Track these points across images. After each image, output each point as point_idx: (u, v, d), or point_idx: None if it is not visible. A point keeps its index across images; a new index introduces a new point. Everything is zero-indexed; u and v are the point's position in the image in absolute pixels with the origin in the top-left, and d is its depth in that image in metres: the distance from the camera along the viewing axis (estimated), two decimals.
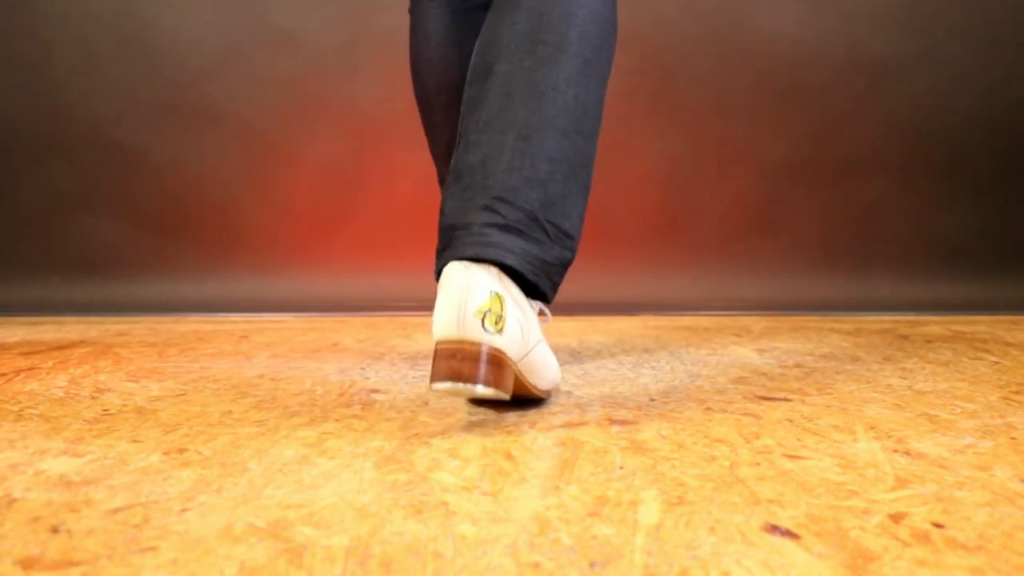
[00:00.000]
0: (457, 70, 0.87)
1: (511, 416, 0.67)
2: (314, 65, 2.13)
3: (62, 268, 2.12)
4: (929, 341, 1.22)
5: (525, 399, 0.71)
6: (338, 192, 2.16)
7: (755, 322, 1.57)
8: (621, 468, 0.51)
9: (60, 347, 1.20)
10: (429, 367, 0.96)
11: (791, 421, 0.64)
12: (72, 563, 0.36)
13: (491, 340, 0.60)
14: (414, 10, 0.97)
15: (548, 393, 0.74)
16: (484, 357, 0.60)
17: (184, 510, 0.43)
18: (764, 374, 0.89)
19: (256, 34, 2.13)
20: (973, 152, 2.09)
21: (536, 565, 0.36)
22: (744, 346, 1.16)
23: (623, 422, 0.64)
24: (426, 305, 1.89)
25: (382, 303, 1.92)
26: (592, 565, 0.36)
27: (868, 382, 0.83)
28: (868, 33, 2.07)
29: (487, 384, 0.60)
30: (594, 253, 2.12)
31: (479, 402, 0.72)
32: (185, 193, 2.15)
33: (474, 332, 0.60)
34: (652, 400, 0.74)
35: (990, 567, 0.35)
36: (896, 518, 0.41)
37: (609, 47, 0.77)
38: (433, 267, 0.71)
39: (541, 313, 0.73)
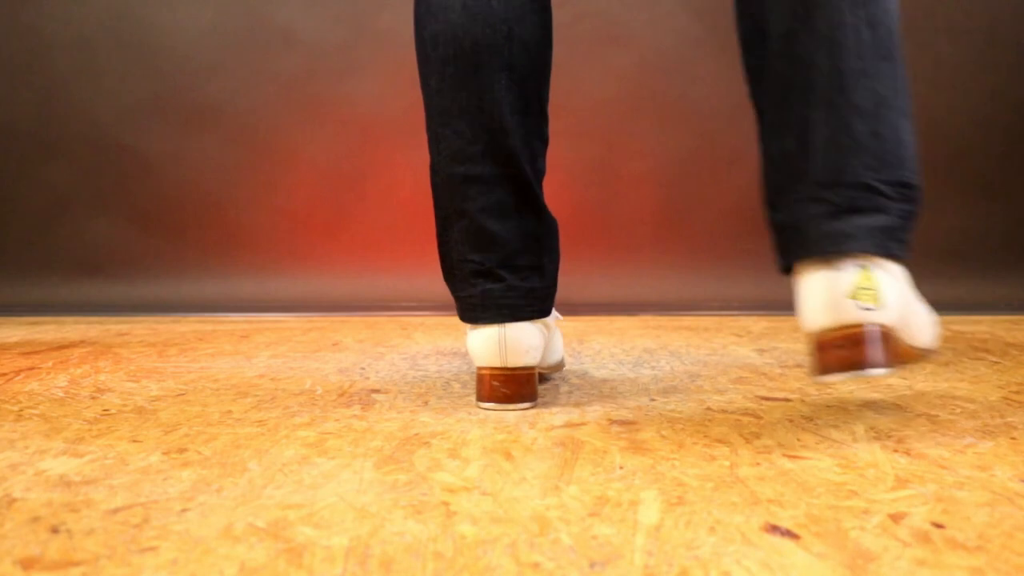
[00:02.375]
0: (458, 13, 0.72)
1: (511, 416, 0.67)
2: (314, 65, 2.13)
3: (62, 268, 2.12)
4: None
5: (908, 363, 0.66)
6: (338, 192, 2.16)
7: (755, 322, 1.57)
8: (621, 468, 0.51)
9: (60, 347, 1.20)
10: (428, 366, 0.96)
11: (791, 421, 0.64)
12: (72, 563, 0.36)
13: (869, 317, 0.57)
14: None
15: (934, 348, 0.69)
16: (870, 337, 0.57)
17: (184, 510, 0.43)
18: (764, 374, 0.89)
19: (256, 34, 2.13)
20: (973, 152, 2.09)
21: (536, 565, 0.36)
22: (744, 346, 1.16)
23: (623, 422, 0.64)
24: (426, 305, 1.90)
25: (382, 303, 1.92)
26: (592, 565, 0.36)
27: (868, 382, 0.83)
28: None
29: (883, 365, 0.57)
30: (594, 253, 2.12)
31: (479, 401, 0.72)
32: (185, 193, 2.15)
33: (852, 314, 0.57)
34: (652, 400, 0.74)
35: (990, 567, 0.35)
36: (896, 518, 0.41)
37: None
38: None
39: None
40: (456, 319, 1.66)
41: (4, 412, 0.71)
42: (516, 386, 0.71)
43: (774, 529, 0.40)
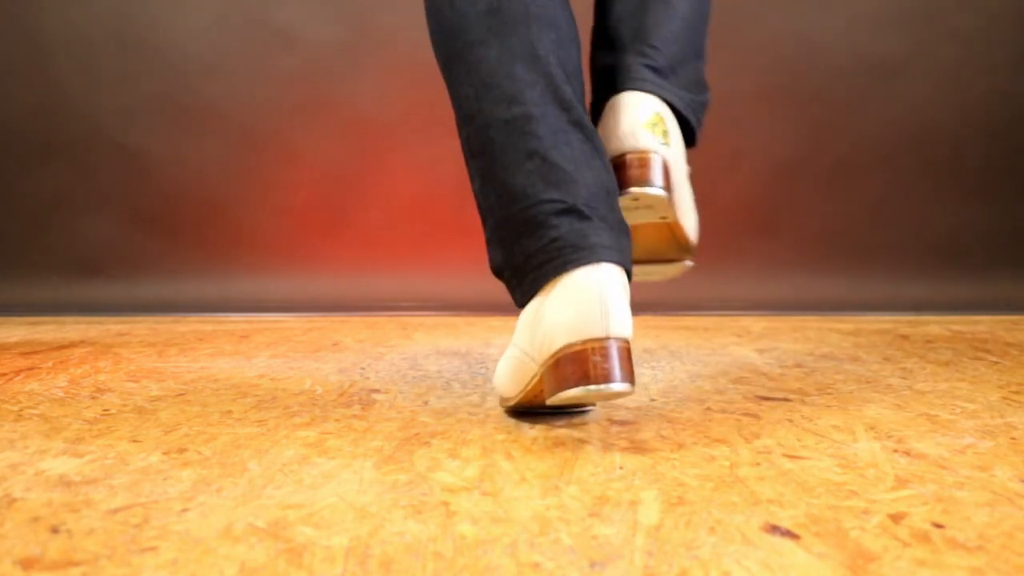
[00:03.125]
0: None
1: (511, 416, 0.67)
2: (314, 65, 2.13)
3: (62, 268, 2.12)
4: (929, 341, 1.22)
5: (668, 259, 0.78)
6: (338, 192, 2.16)
7: (755, 322, 1.57)
8: (621, 468, 0.51)
9: (60, 347, 1.20)
10: (428, 366, 0.96)
11: (791, 421, 0.64)
12: (72, 563, 0.36)
13: (660, 148, 0.68)
14: None
15: (693, 248, 0.79)
16: (655, 162, 0.67)
17: (184, 510, 0.43)
18: (764, 374, 0.89)
19: (256, 34, 2.13)
20: (973, 152, 2.09)
21: (536, 565, 0.36)
22: (744, 346, 1.16)
23: (623, 422, 0.64)
24: (426, 305, 1.90)
25: (382, 303, 1.92)
26: (592, 565, 0.36)
27: (868, 382, 0.83)
28: (868, 33, 2.07)
29: (662, 187, 0.68)
30: None
31: (480, 400, 0.72)
32: (185, 193, 2.15)
33: (643, 139, 0.67)
34: (652, 400, 0.74)
35: (990, 567, 0.35)
36: (896, 518, 0.41)
37: None
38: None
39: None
40: (456, 319, 1.67)
41: (4, 412, 0.71)
42: (621, 360, 0.56)
43: (774, 529, 0.40)
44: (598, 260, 0.58)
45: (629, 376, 0.56)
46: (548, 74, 0.64)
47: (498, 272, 0.66)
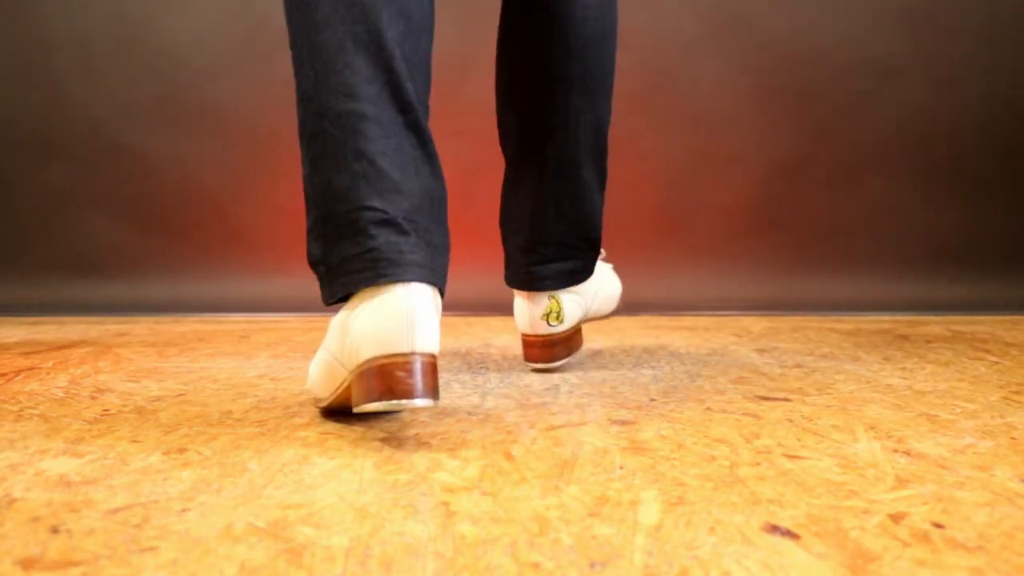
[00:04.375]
0: None
1: (511, 416, 0.67)
2: None
3: (62, 268, 2.12)
4: (929, 341, 1.22)
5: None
6: None
7: (755, 322, 1.57)
8: (621, 468, 0.51)
9: (60, 347, 1.20)
10: None
11: (791, 421, 0.64)
12: (72, 563, 0.36)
13: (556, 330, 0.91)
14: None
15: (613, 311, 1.03)
16: (554, 341, 0.91)
17: (184, 510, 0.43)
18: (764, 374, 0.89)
19: (256, 34, 2.13)
20: (972, 152, 2.09)
21: (536, 565, 0.36)
22: (744, 346, 1.16)
23: (623, 422, 0.64)
24: None
25: None
26: (592, 565, 0.36)
27: (868, 382, 0.83)
28: (868, 33, 2.07)
29: (560, 359, 0.92)
30: None
31: (479, 400, 0.72)
32: (185, 193, 2.15)
33: (543, 329, 0.90)
34: (652, 400, 0.74)
35: (990, 567, 0.35)
36: (896, 518, 0.41)
37: (609, 44, 0.90)
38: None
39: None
40: (456, 319, 1.66)
41: (4, 412, 0.71)
42: (424, 375, 0.57)
43: (774, 529, 0.40)
44: (409, 279, 0.59)
45: (432, 391, 0.58)
46: (391, 69, 0.63)
47: (313, 265, 0.65)
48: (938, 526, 0.40)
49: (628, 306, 1.85)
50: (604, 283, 0.99)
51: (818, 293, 1.94)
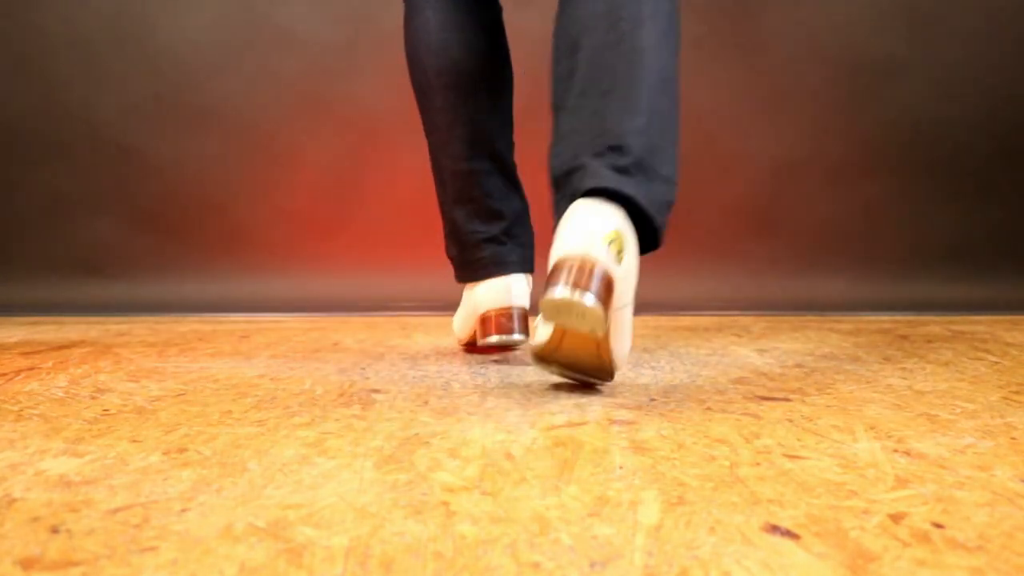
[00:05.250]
0: (456, 51, 0.95)
1: (511, 416, 0.67)
2: (314, 65, 2.13)
3: (62, 268, 2.12)
4: (929, 341, 1.22)
5: (588, 381, 0.78)
6: (338, 192, 2.16)
7: (755, 322, 1.58)
8: (621, 468, 0.51)
9: (60, 347, 1.20)
10: (428, 366, 0.96)
11: (791, 421, 0.64)
12: (72, 563, 0.36)
13: (610, 264, 0.65)
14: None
15: (617, 370, 0.75)
16: (600, 274, 0.64)
17: (184, 510, 0.43)
18: (764, 374, 0.89)
19: (256, 34, 2.13)
20: (972, 152, 2.09)
21: (536, 565, 0.36)
22: (744, 346, 1.16)
23: (623, 422, 0.64)
24: (426, 305, 1.90)
25: (382, 303, 1.92)
26: (592, 565, 0.36)
27: (868, 382, 0.83)
28: (868, 33, 2.07)
29: (597, 297, 0.63)
30: None
31: (480, 400, 0.72)
32: (185, 193, 2.15)
33: (599, 251, 0.65)
34: (652, 400, 0.74)
35: (990, 567, 0.35)
36: (896, 518, 0.41)
37: (677, 22, 0.80)
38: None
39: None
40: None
41: (4, 412, 0.71)
42: (520, 322, 0.96)
43: (774, 529, 0.40)
44: (508, 272, 0.97)
45: (524, 330, 0.96)
46: (484, 133, 0.97)
47: (450, 258, 1.03)
48: (938, 526, 0.40)
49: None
50: (630, 317, 0.77)
51: (818, 293, 1.94)
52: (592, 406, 0.71)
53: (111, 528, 0.41)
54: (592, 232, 0.66)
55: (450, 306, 1.83)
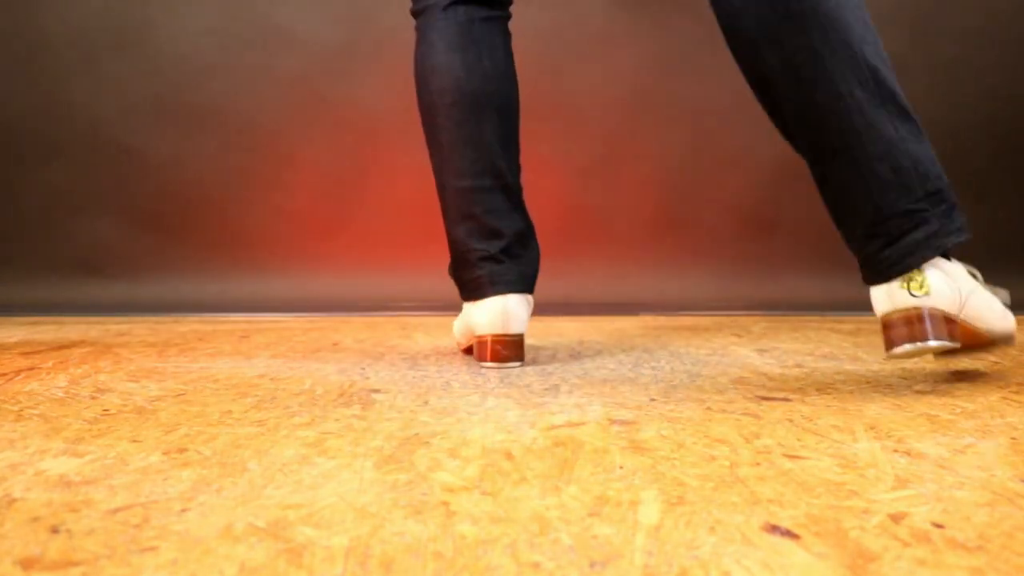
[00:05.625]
0: (461, 71, 0.96)
1: (511, 416, 0.67)
2: (314, 65, 2.13)
3: (62, 268, 2.12)
4: None
5: (981, 346, 0.82)
6: (338, 192, 2.16)
7: (755, 322, 1.57)
8: (621, 468, 0.51)
9: (60, 347, 1.20)
10: (428, 366, 0.96)
11: (791, 421, 0.64)
12: (72, 563, 0.36)
13: (921, 301, 0.73)
14: (420, 19, 1.00)
15: (1007, 335, 0.81)
16: (926, 315, 0.73)
17: (184, 510, 0.43)
18: (764, 374, 0.89)
19: (256, 34, 2.13)
20: (972, 152, 2.09)
21: (536, 565, 0.36)
22: (744, 346, 1.16)
23: (623, 422, 0.64)
24: (426, 305, 1.90)
25: (382, 303, 1.92)
26: (592, 565, 0.36)
27: (868, 382, 0.83)
28: None
29: (938, 338, 0.73)
30: (594, 253, 2.12)
31: (480, 400, 0.72)
32: (185, 193, 2.15)
33: (904, 300, 0.74)
34: (652, 400, 0.74)
35: (990, 567, 0.35)
36: (896, 518, 0.41)
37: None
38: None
39: (970, 272, 0.82)
40: (455, 318, 1.66)
41: (4, 412, 0.71)
42: (514, 349, 0.95)
43: (774, 529, 0.40)
44: (505, 292, 0.95)
45: (518, 356, 0.95)
46: (488, 152, 0.96)
47: (451, 276, 1.02)
48: (938, 526, 0.40)
49: (628, 306, 1.85)
50: (983, 290, 0.81)
51: (818, 293, 1.94)
52: (592, 406, 0.71)
53: (111, 528, 0.41)
54: (894, 289, 0.75)
55: (450, 306, 1.83)
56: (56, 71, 2.15)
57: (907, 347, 0.73)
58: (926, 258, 0.74)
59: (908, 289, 0.74)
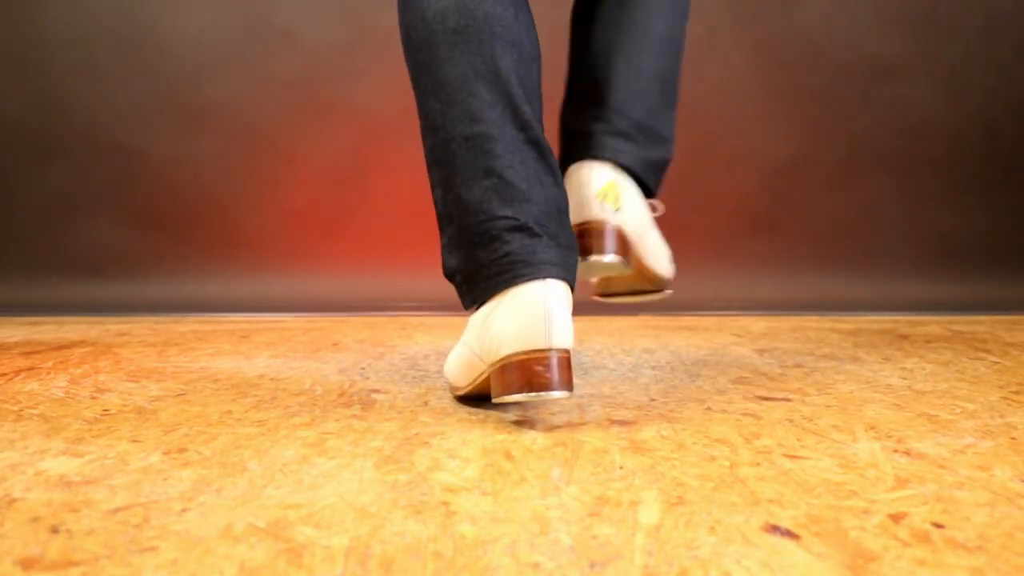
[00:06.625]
0: None
1: (511, 416, 0.67)
2: (314, 65, 2.13)
3: (62, 268, 2.12)
4: (929, 341, 1.22)
5: (653, 296, 0.86)
6: (338, 192, 2.15)
7: (755, 322, 1.57)
8: (621, 468, 0.51)
9: (60, 347, 1.20)
10: (428, 366, 0.96)
11: (791, 421, 0.64)
12: (72, 563, 0.36)
13: (610, 216, 0.74)
14: None
15: (668, 282, 0.86)
16: (608, 232, 0.73)
17: (184, 510, 0.43)
18: (764, 374, 0.89)
19: (256, 34, 2.13)
20: (973, 152, 2.09)
21: (536, 565, 0.36)
22: (744, 346, 1.16)
23: (623, 422, 0.64)
24: (426, 305, 1.90)
25: (382, 303, 1.92)
26: (592, 565, 0.36)
27: (868, 382, 0.83)
28: (868, 32, 2.07)
29: (616, 252, 0.74)
30: None
31: (480, 400, 0.72)
32: (185, 193, 2.15)
33: (596, 211, 0.73)
34: (652, 400, 0.74)
35: (990, 567, 0.35)
36: (896, 518, 0.41)
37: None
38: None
39: (652, 208, 0.84)
40: (456, 318, 1.66)
41: (4, 412, 0.71)
42: (562, 372, 0.62)
43: (774, 529, 0.40)
44: (545, 276, 0.64)
45: (567, 384, 0.62)
46: (508, 94, 0.69)
47: (450, 276, 0.72)
48: (938, 526, 0.40)
49: (628, 306, 1.85)
50: (658, 235, 0.84)
51: (818, 293, 1.94)
52: (592, 406, 0.71)
53: (111, 528, 0.41)
54: (588, 193, 0.74)
55: (450, 306, 1.83)
56: (56, 71, 2.15)
57: (596, 256, 0.74)
58: (637, 169, 0.78)
59: (603, 201, 0.74)
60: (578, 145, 0.79)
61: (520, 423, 0.64)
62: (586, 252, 0.73)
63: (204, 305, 1.94)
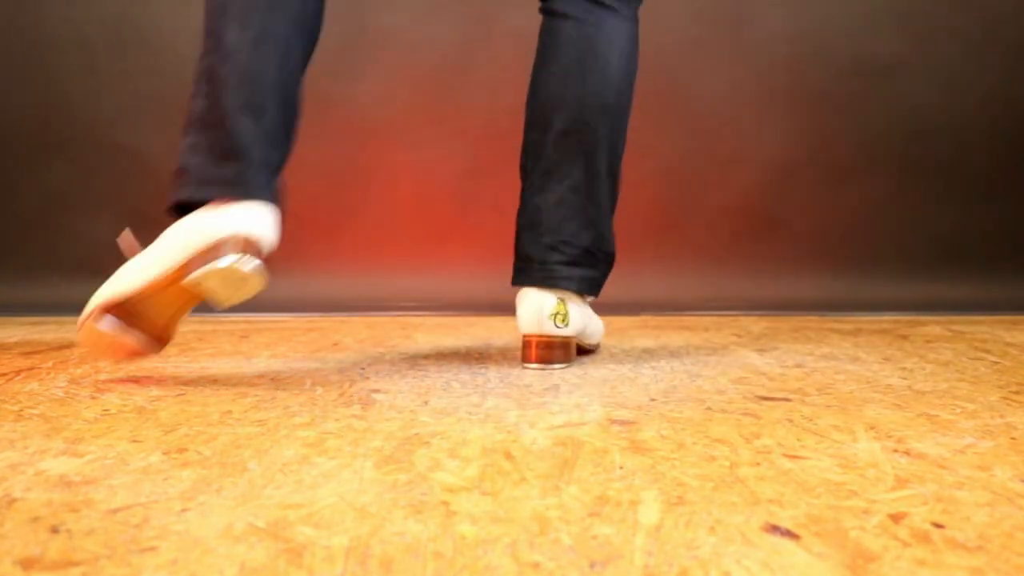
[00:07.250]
0: None
1: (511, 416, 0.67)
2: (314, 65, 2.13)
3: (62, 268, 2.12)
4: (929, 341, 1.22)
5: (584, 351, 1.04)
6: (338, 192, 2.15)
7: (755, 322, 1.57)
8: (621, 468, 0.51)
9: (60, 347, 1.20)
10: (428, 366, 0.96)
11: (791, 421, 0.64)
12: (72, 563, 0.36)
13: (561, 332, 0.92)
14: None
15: (598, 345, 1.08)
16: (557, 344, 0.92)
17: (184, 510, 0.43)
18: (764, 374, 0.89)
19: None
20: (973, 152, 2.09)
21: (536, 565, 0.36)
22: (744, 346, 1.16)
23: (623, 422, 0.64)
24: (426, 305, 1.90)
25: (382, 303, 1.92)
26: (592, 565, 0.36)
27: (868, 382, 0.83)
28: (868, 33, 2.07)
29: (558, 362, 0.92)
30: None
31: (480, 400, 0.72)
32: None
33: (549, 328, 0.91)
34: (652, 400, 0.74)
35: (990, 567, 0.35)
36: (896, 518, 0.41)
37: (633, 84, 0.98)
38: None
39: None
40: (456, 319, 1.67)
41: (4, 412, 0.71)
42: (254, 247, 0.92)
43: (774, 529, 0.40)
44: (252, 197, 0.90)
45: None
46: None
47: (181, 169, 0.98)
48: (938, 526, 0.40)
49: (628, 306, 1.85)
50: (593, 315, 1.03)
51: (818, 293, 1.94)
52: (592, 406, 0.71)
53: (111, 528, 0.41)
54: (541, 314, 0.91)
55: (450, 306, 1.83)
56: (56, 71, 2.15)
57: (539, 366, 0.92)
58: (584, 290, 0.94)
59: (555, 320, 0.91)
60: (533, 271, 0.93)
61: (520, 423, 0.64)
62: (529, 360, 0.93)
63: (204, 305, 1.94)
